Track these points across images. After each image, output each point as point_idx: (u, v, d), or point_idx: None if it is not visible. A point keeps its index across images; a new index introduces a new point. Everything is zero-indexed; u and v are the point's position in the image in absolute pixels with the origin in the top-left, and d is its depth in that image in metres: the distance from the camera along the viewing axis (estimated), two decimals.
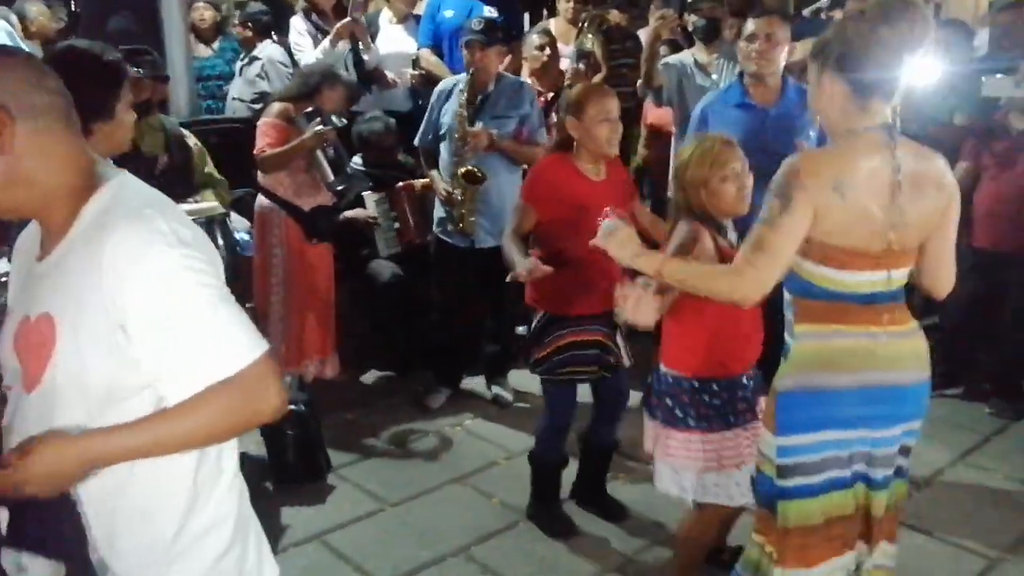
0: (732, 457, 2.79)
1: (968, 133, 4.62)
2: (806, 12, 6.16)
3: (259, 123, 4.26)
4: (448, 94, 4.45)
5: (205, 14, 6.28)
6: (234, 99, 5.92)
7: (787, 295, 2.31)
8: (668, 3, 5.87)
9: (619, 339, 3.33)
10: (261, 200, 4.32)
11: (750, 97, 3.82)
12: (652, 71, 4.60)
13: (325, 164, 4.30)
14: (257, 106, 5.39)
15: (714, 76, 4.55)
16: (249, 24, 5.99)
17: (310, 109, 4.24)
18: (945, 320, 4.77)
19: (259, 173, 4.27)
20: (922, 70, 4.51)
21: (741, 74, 3.90)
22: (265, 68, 5.74)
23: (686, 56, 4.77)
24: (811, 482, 2.26)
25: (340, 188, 4.40)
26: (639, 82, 4.83)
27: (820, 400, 2.23)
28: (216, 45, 6.45)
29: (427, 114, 4.56)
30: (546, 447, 3.50)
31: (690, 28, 5.13)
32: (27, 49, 4.95)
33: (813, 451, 2.25)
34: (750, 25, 3.77)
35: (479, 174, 4.26)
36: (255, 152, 4.18)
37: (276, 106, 4.28)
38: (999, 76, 4.14)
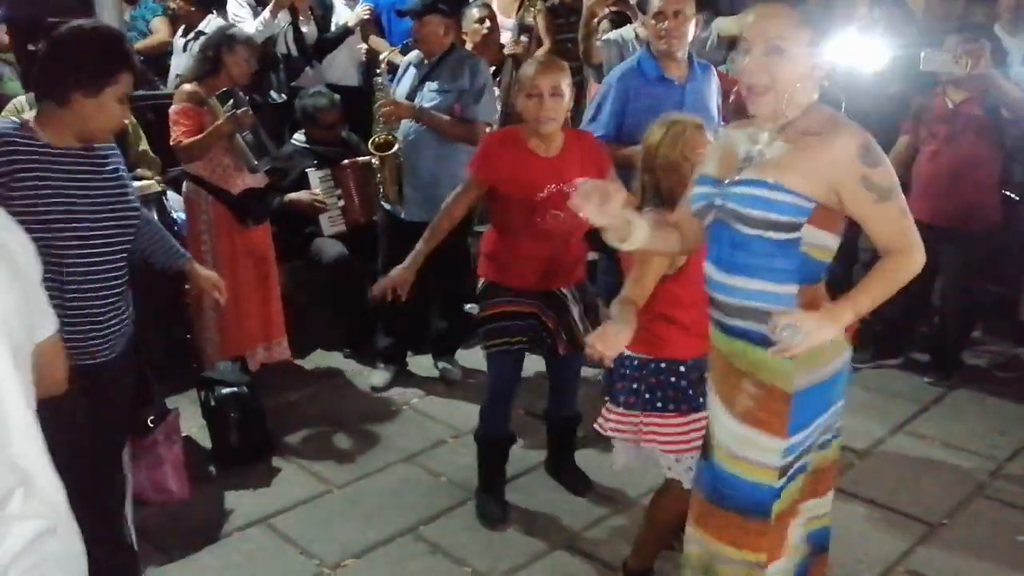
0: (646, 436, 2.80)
1: (906, 108, 4.67)
2: None
3: (170, 111, 4.07)
4: (408, 65, 4.44)
5: None
6: (178, 75, 5.74)
7: (784, 290, 2.17)
8: None
9: (575, 319, 3.31)
10: (187, 185, 4.20)
11: (667, 72, 3.78)
12: (590, 48, 4.57)
13: (245, 148, 4.16)
14: None
15: None
16: None
17: (224, 89, 4.11)
18: None
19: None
20: (870, 54, 4.57)
21: (648, 47, 3.86)
22: None
23: (627, 31, 4.74)
24: (798, 466, 2.28)
25: (271, 168, 4.30)
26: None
27: (828, 386, 2.24)
28: (127, 16, 6.28)
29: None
30: (488, 423, 3.48)
31: (632, 1, 5.11)
32: None
33: (809, 439, 2.27)
34: (656, 2, 3.70)
35: (392, 140, 4.25)
36: (171, 143, 4.04)
37: (184, 90, 4.10)
38: (936, 51, 4.17)
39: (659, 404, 2.76)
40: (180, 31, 5.86)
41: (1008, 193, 4.51)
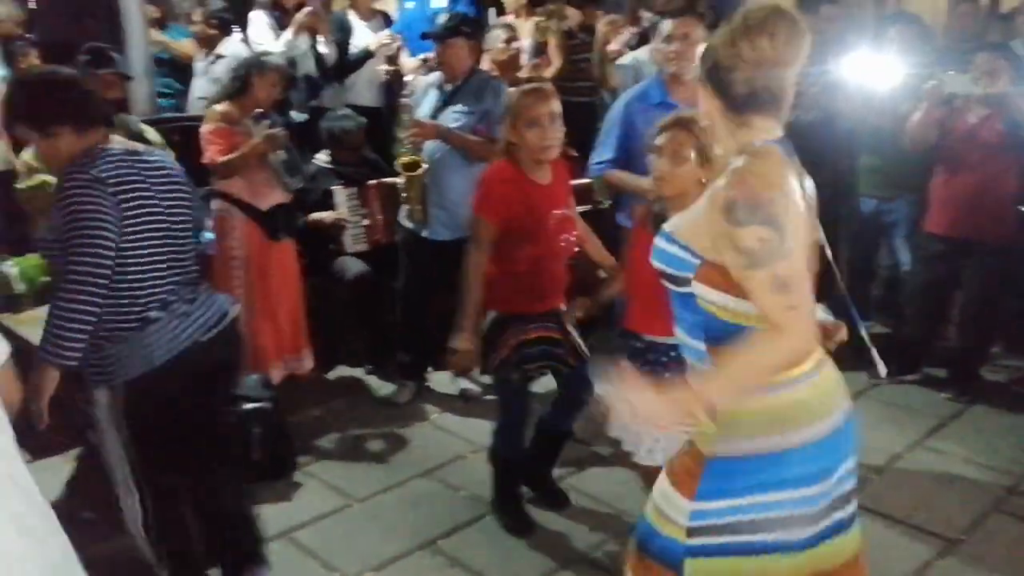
0: None
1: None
2: None
3: (202, 130, 4.13)
4: (428, 86, 4.50)
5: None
6: (199, 98, 5.86)
7: (697, 344, 1.99)
8: (619, 6, 5.95)
9: (572, 333, 3.37)
10: (218, 203, 4.28)
11: (672, 96, 3.75)
12: (606, 73, 4.61)
13: (280, 166, 4.24)
14: None
15: None
16: (212, 21, 5.94)
17: (259, 110, 4.20)
18: (902, 306, 4.87)
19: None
20: (883, 71, 4.56)
21: (659, 72, 3.87)
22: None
23: (641, 54, 4.78)
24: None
25: (301, 187, 4.38)
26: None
27: (759, 464, 1.99)
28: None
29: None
30: (505, 445, 3.50)
31: (645, 25, 5.16)
32: None
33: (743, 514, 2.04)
34: (666, 26, 3.72)
35: (418, 160, 4.30)
36: (205, 162, 4.12)
37: (216, 110, 4.16)
38: (956, 73, 4.21)
39: None
40: (202, 55, 5.98)
41: (1023, 209, 4.50)
